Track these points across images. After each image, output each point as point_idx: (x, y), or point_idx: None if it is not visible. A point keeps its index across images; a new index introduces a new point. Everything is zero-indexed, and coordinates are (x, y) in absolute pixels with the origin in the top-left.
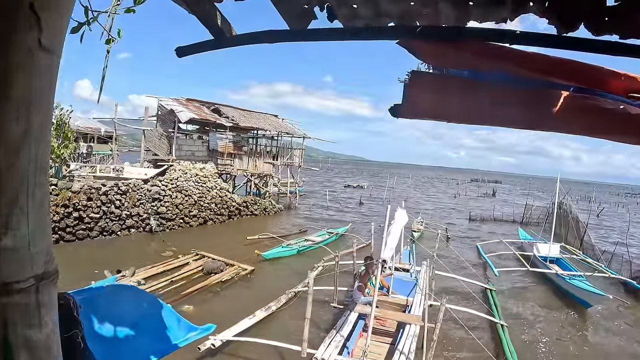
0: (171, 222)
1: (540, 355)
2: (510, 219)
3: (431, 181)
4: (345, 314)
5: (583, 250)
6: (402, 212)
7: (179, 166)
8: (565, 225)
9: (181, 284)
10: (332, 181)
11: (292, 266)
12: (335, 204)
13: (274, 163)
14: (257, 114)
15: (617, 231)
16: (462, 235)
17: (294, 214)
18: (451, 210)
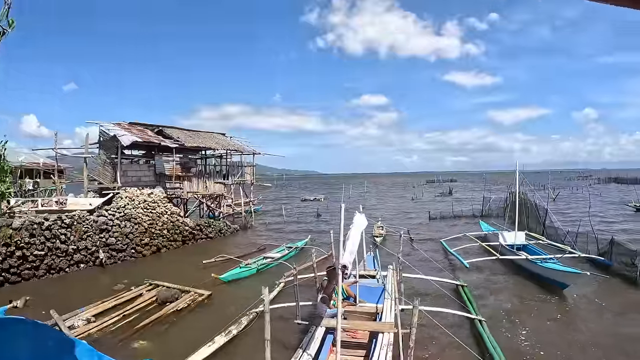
0: (122, 253)
1: (525, 344)
2: (470, 213)
3: (387, 187)
4: (311, 329)
5: (546, 235)
6: (360, 216)
7: (126, 193)
8: (525, 213)
9: (134, 318)
10: (289, 197)
11: (252, 286)
12: (292, 218)
13: (225, 183)
14: (204, 133)
15: (576, 212)
16: (425, 235)
17: (251, 233)
18: (411, 213)
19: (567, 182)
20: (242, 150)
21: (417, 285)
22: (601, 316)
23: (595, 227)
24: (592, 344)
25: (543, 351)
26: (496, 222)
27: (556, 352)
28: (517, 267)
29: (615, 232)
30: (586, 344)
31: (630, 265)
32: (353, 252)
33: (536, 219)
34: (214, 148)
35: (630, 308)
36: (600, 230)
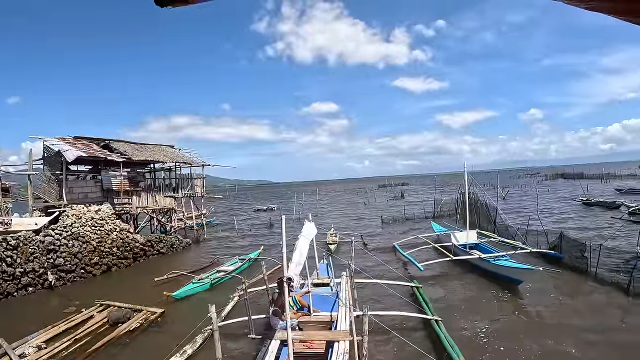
0: (71, 273)
1: (483, 340)
2: (422, 215)
3: (340, 193)
4: (266, 343)
5: (498, 233)
6: (309, 225)
7: (72, 211)
8: (476, 212)
9: (86, 341)
10: (242, 208)
11: (206, 302)
12: (245, 229)
13: (175, 196)
14: (152, 146)
15: (525, 209)
16: (379, 240)
17: (203, 247)
18: (364, 218)
19: (517, 181)
20: (191, 163)
21: (372, 290)
22: (556, 308)
23: (545, 222)
24: (549, 336)
25: (502, 347)
26: (448, 223)
27: (514, 347)
28: (470, 265)
29: (564, 226)
30: (543, 336)
31: (580, 257)
32: (300, 263)
33: (487, 218)
34: (162, 161)
35: (584, 298)
36: (550, 225)
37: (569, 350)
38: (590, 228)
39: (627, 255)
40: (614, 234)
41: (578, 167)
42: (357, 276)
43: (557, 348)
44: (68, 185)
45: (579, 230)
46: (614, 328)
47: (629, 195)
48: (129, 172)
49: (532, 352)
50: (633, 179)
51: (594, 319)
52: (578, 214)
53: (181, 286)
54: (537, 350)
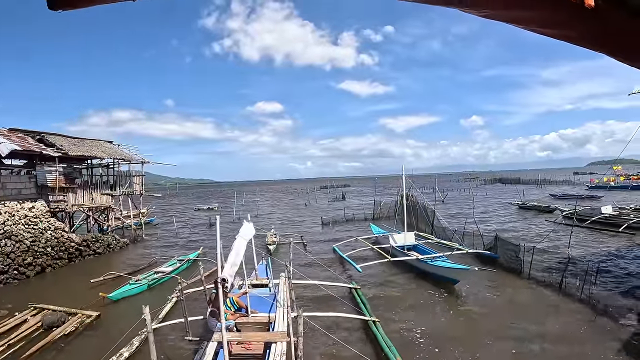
0: (3, 275)
1: (419, 341)
2: (362, 217)
3: (281, 194)
4: (203, 345)
5: (435, 234)
6: (248, 226)
7: (5, 208)
8: (415, 214)
9: (20, 346)
10: (183, 207)
11: (143, 303)
12: (185, 229)
13: (113, 194)
14: (90, 141)
15: (463, 212)
16: (318, 241)
17: (141, 247)
18: (304, 219)
19: (456, 184)
20: (130, 159)
21: (310, 291)
22: (491, 308)
23: (481, 225)
24: (484, 334)
25: (437, 347)
26: (387, 225)
27: (450, 346)
28: (409, 266)
29: (500, 228)
30: (478, 334)
31: (514, 258)
32: (236, 264)
33: (425, 220)
34: (100, 157)
35: (517, 298)
36: (486, 228)
37: (503, 349)
38: (524, 231)
39: (559, 257)
40: (547, 236)
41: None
42: (296, 277)
43: (492, 347)
44: (1, 180)
45: (514, 233)
46: (546, 325)
47: (562, 200)
48: (65, 167)
49: (467, 351)
50: (567, 184)
51: (528, 317)
52: (514, 217)
53: (118, 287)
54: (471, 349)
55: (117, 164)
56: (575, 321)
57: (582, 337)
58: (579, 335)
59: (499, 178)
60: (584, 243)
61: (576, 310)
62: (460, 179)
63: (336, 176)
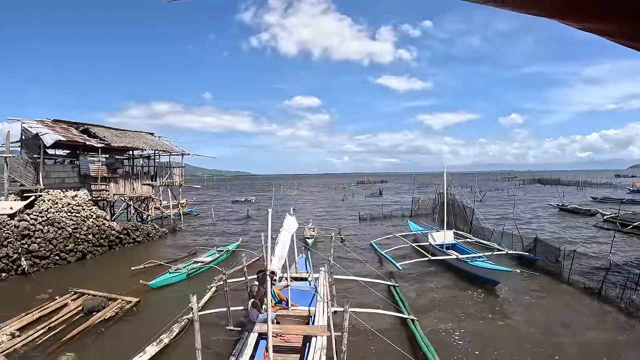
0: (45, 260)
1: (458, 342)
2: (399, 214)
3: (319, 188)
4: (244, 336)
5: (474, 234)
6: (291, 219)
7: (49, 196)
8: (453, 213)
9: (60, 329)
10: (220, 198)
11: (182, 292)
12: (223, 220)
13: (153, 184)
14: (132, 132)
15: (502, 212)
16: (356, 236)
17: (180, 237)
18: (341, 214)
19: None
20: (170, 151)
21: (349, 286)
22: (530, 311)
23: (520, 226)
24: (523, 338)
25: (476, 350)
26: (425, 222)
27: (488, 349)
28: (447, 265)
29: (540, 231)
30: (517, 338)
31: (555, 261)
32: (282, 257)
33: (464, 219)
34: (141, 148)
35: (557, 302)
36: (525, 229)
37: (542, 354)
38: (564, 234)
39: (599, 262)
40: (587, 240)
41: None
42: (336, 272)
43: (531, 351)
44: (45, 169)
45: (553, 235)
46: (585, 331)
47: (604, 204)
48: (107, 158)
49: (506, 356)
50: (609, 187)
51: (566, 323)
52: (553, 220)
53: (157, 276)
54: (510, 353)
55: (157, 155)
56: (613, 329)
57: (620, 346)
58: (617, 343)
59: (538, 178)
60: (625, 248)
61: (615, 318)
62: (498, 178)
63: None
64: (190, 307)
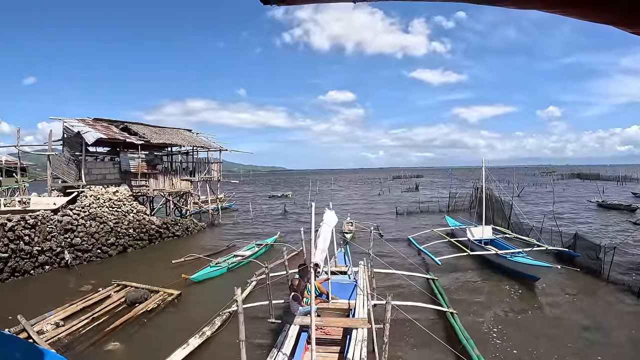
0: (88, 253)
1: (496, 335)
2: (436, 209)
3: (355, 183)
4: (285, 328)
5: (512, 229)
6: (330, 213)
7: (90, 192)
8: (491, 208)
9: (104, 320)
10: (256, 193)
11: (223, 285)
12: (260, 215)
13: (192, 180)
14: (170, 129)
15: (540, 207)
16: (393, 231)
17: (218, 231)
18: (378, 208)
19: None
20: (208, 147)
21: (387, 280)
22: (570, 308)
23: (559, 221)
24: (562, 336)
25: (514, 346)
26: (462, 217)
27: (528, 347)
28: (485, 261)
29: (579, 226)
30: (557, 336)
31: (595, 258)
32: (324, 250)
33: (502, 214)
34: (180, 145)
35: (597, 299)
36: (564, 225)
37: (582, 354)
38: (604, 230)
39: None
40: (629, 237)
41: (595, 168)
42: (375, 265)
43: (571, 350)
44: (87, 166)
45: (593, 231)
46: (626, 331)
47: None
48: (147, 154)
49: (544, 351)
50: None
51: (607, 322)
52: (593, 216)
53: (196, 269)
54: (550, 351)
55: (195, 152)
56: None
57: None
58: None
59: (577, 173)
60: None
61: None
62: (535, 172)
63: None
64: (235, 300)
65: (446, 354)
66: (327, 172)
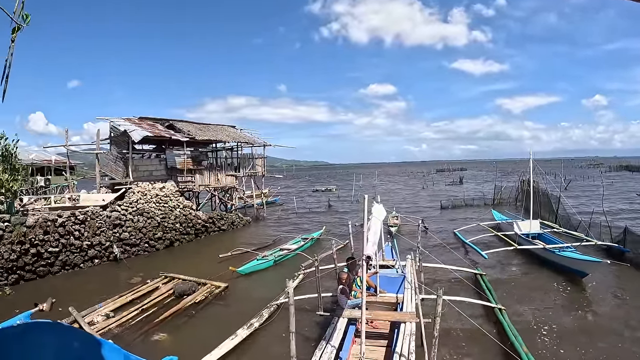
0: (135, 247)
1: (545, 333)
2: (481, 202)
3: (398, 176)
4: (334, 321)
5: (559, 223)
6: (379, 207)
7: (138, 188)
8: (537, 201)
9: (152, 311)
10: (300, 188)
11: (270, 278)
12: (305, 209)
13: (237, 175)
14: (214, 126)
15: (587, 200)
16: (438, 224)
17: (263, 225)
18: (422, 202)
19: (578, 170)
20: (252, 142)
21: (433, 274)
22: (621, 306)
23: (608, 215)
24: (612, 334)
25: (562, 345)
26: (508, 211)
27: (576, 346)
28: (532, 255)
29: (629, 221)
30: (607, 335)
31: None
32: (375, 243)
33: (549, 207)
34: (224, 140)
35: None
36: (613, 219)
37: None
38: None
39: None
40: None
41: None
42: (422, 259)
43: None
44: (134, 163)
45: None
46: None
47: None
48: (192, 151)
49: (594, 353)
50: None
51: None
52: None
53: (242, 263)
54: (600, 351)
55: (240, 147)
56: None
57: None
58: None
59: (626, 165)
60: None
61: None
62: (582, 164)
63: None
64: (284, 292)
65: (494, 350)
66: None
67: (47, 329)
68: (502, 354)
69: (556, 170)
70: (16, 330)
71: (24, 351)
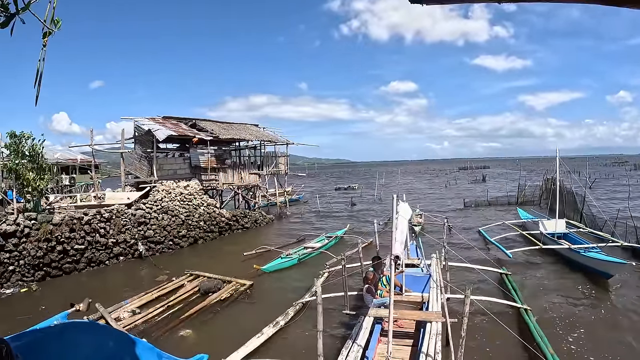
0: (160, 245)
1: (571, 334)
2: (505, 201)
3: (420, 174)
4: (360, 319)
5: (584, 223)
6: (404, 205)
7: (162, 186)
8: (562, 200)
9: (178, 308)
10: (322, 186)
11: (294, 276)
12: (327, 207)
13: (260, 173)
14: (237, 125)
15: (613, 200)
16: (462, 223)
17: (286, 223)
18: (445, 200)
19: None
20: (275, 141)
21: (458, 273)
22: None
23: (635, 215)
24: (637, 337)
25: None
26: (534, 210)
27: (604, 351)
28: (557, 255)
29: None
30: (633, 337)
31: None
32: (402, 242)
33: (574, 206)
34: (247, 139)
35: None
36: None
37: None
38: None
39: None
40: None
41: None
42: (447, 258)
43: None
44: (158, 162)
45: None
46: None
47: None
48: (216, 150)
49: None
50: None
51: None
52: None
53: (266, 261)
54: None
55: (263, 145)
56: None
57: None
58: None
59: None
60: None
61: None
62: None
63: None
64: (309, 290)
65: (519, 351)
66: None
67: (83, 328)
68: (528, 355)
69: (581, 168)
70: (54, 330)
71: (62, 350)
